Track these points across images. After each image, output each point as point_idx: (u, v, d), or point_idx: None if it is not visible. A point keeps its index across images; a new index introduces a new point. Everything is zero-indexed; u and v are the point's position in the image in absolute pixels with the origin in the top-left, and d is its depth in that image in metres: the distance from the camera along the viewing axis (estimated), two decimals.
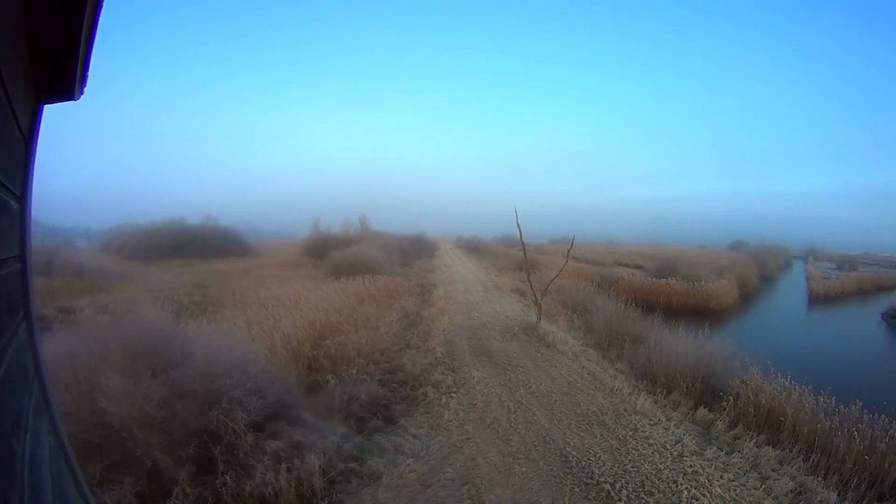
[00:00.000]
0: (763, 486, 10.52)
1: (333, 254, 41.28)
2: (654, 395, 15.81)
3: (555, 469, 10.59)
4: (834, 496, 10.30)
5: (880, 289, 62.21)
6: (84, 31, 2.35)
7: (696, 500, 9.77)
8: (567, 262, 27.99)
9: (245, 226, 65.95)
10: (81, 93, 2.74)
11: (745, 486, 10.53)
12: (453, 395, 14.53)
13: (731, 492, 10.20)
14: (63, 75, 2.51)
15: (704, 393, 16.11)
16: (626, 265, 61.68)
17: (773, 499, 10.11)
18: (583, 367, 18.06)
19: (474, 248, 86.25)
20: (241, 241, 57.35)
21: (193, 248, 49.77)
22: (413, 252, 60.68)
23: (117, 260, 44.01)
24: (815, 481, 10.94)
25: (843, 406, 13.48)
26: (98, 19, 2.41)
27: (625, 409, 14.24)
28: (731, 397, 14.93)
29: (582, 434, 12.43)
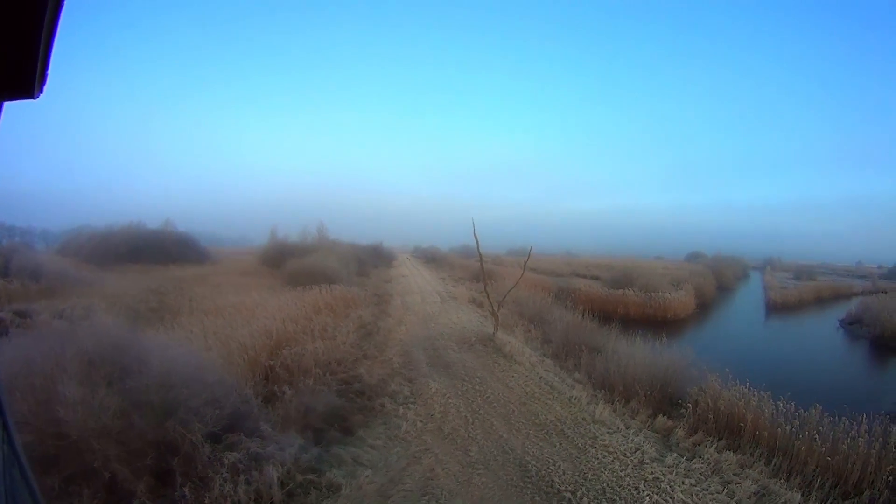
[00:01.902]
0: (725, 490, 10.78)
1: (290, 262, 41.09)
2: (613, 403, 16.05)
3: (514, 479, 10.67)
4: (798, 497, 10.61)
5: (838, 297, 64.18)
6: (44, 29, 2.33)
7: None
8: (524, 273, 28.23)
9: (203, 232, 65.29)
10: (41, 91, 2.70)
11: (707, 490, 10.75)
12: (411, 405, 14.56)
13: (694, 497, 10.42)
14: (22, 73, 2.47)
15: (663, 401, 16.40)
16: (584, 276, 62.24)
17: (736, 502, 10.39)
18: (540, 378, 18.19)
19: (432, 259, 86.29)
20: (199, 248, 56.62)
21: (151, 254, 48.94)
22: (370, 262, 60.49)
23: (74, 263, 42.91)
24: (778, 484, 11.26)
25: (803, 410, 13.84)
26: (59, 17, 2.38)
27: (583, 418, 14.41)
28: (689, 405, 15.21)
29: (541, 443, 12.53)
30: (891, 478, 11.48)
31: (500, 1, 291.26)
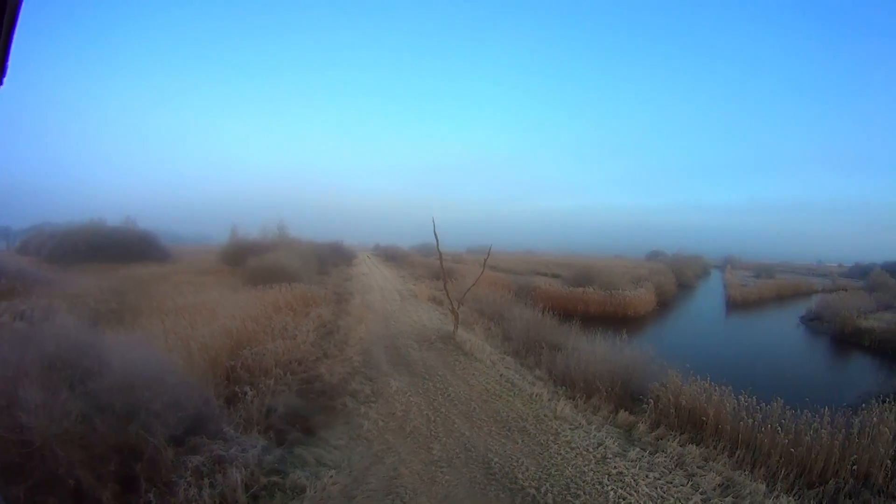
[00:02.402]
0: (690, 483, 11.04)
1: (251, 261, 40.82)
2: (574, 400, 16.33)
3: (478, 476, 10.76)
4: (762, 487, 10.97)
5: (798, 294, 66.45)
6: (4, 23, 2.35)
7: (624, 500, 10.14)
8: (484, 271, 28.40)
9: (163, 229, 64.33)
10: (0, 83, 2.70)
11: (671, 483, 11.00)
12: (372, 404, 14.57)
13: (658, 490, 10.64)
14: None
15: (624, 397, 16.72)
16: (544, 274, 62.57)
17: (700, 494, 10.60)
18: (501, 375, 18.34)
19: (392, 257, 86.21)
20: (159, 246, 55.99)
21: (112, 252, 48.30)
22: (330, 260, 60.34)
23: (35, 262, 42.54)
24: (743, 475, 11.60)
25: (765, 404, 14.24)
26: (19, 11, 2.40)
27: (545, 415, 14.58)
28: (651, 400, 15.60)
29: (503, 440, 12.66)
30: (855, 467, 11.96)
31: (465, 2, 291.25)
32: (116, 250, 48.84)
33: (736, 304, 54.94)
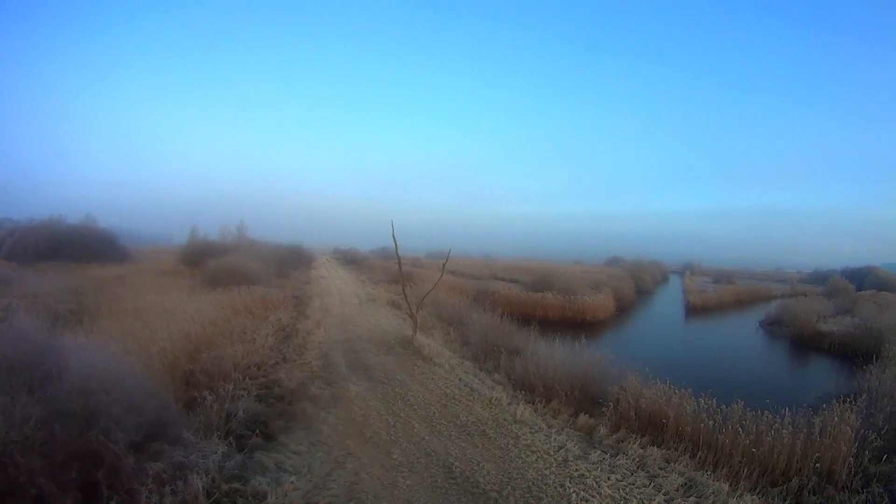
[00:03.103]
0: (652, 484, 11.29)
1: (210, 262, 40.49)
2: (534, 404, 16.55)
3: (439, 480, 10.88)
4: (725, 487, 11.27)
5: (757, 300, 67.73)
6: None
7: (586, 503, 10.34)
8: (442, 275, 28.59)
9: (123, 228, 63.34)
10: None
11: (633, 485, 11.25)
12: (331, 409, 14.57)
13: (621, 491, 10.89)
14: None
15: (584, 400, 17.03)
16: (503, 279, 63.14)
17: (663, 494, 10.86)
18: (460, 379, 18.50)
19: (351, 260, 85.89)
20: (119, 246, 55.23)
21: (71, 251, 47.74)
22: (290, 263, 59.84)
23: None
24: (705, 475, 11.88)
25: (725, 406, 14.66)
26: None
27: (505, 419, 14.77)
28: (611, 403, 15.81)
29: (463, 444, 12.79)
30: (818, 465, 12.36)
31: (426, 7, 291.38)
32: (76, 249, 48.17)
33: (695, 310, 55.72)
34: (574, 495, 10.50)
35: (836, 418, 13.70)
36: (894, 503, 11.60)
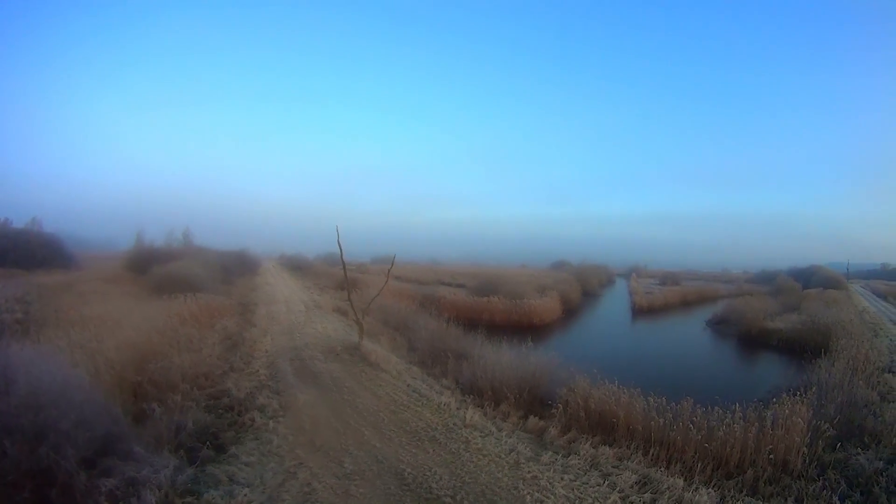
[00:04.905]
0: (606, 483, 11.66)
1: (156, 269, 39.87)
2: (483, 408, 16.84)
3: (392, 487, 11.01)
4: (680, 482, 11.72)
5: (704, 300, 69.18)
6: None
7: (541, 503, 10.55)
8: (388, 281, 28.54)
9: (69, 233, 61.82)
10: None
11: (587, 484, 11.60)
12: (280, 419, 14.58)
13: (575, 491, 11.22)
14: None
15: (533, 403, 17.40)
16: (449, 284, 63.48)
17: (618, 492, 11.24)
18: (408, 385, 18.67)
19: (297, 267, 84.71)
20: (65, 252, 53.32)
21: (16, 257, 46.25)
22: (236, 269, 59.01)
23: None
24: (659, 472, 12.36)
25: (675, 404, 15.18)
26: None
27: (454, 424, 14.99)
28: (560, 405, 16.22)
29: (414, 451, 12.96)
30: (772, 456, 12.91)
31: (371, 8, 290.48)
32: (20, 255, 46.55)
33: (641, 311, 56.79)
34: (528, 497, 10.77)
35: (787, 411, 14.37)
36: (851, 488, 12.23)
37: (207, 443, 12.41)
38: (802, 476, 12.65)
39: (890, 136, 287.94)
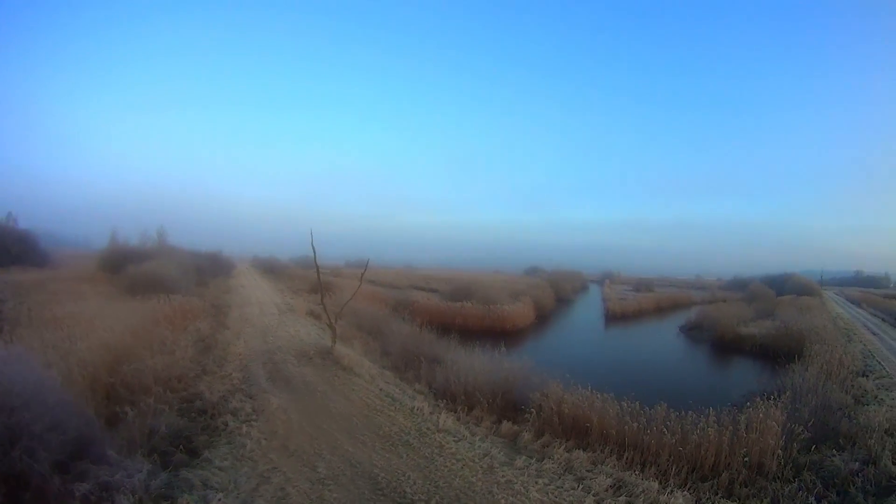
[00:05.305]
0: (581, 486, 11.83)
1: (130, 269, 39.56)
2: (456, 412, 17.00)
3: (366, 492, 11.05)
4: (655, 485, 11.94)
5: (677, 307, 70.17)
6: None
7: None
8: (361, 285, 28.67)
9: (43, 230, 61.11)
10: None
11: (562, 488, 11.76)
12: (254, 423, 14.54)
13: (549, 495, 11.36)
14: None
15: (506, 407, 17.56)
16: (422, 288, 63.76)
17: (593, 496, 11.42)
18: (381, 390, 18.70)
19: (271, 269, 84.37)
20: (40, 249, 53.30)
21: None
22: (209, 271, 59.01)
23: None
24: (633, 475, 12.54)
25: (648, 408, 15.58)
26: None
27: (427, 428, 15.09)
28: (533, 410, 16.42)
29: (388, 455, 13.01)
30: (747, 459, 13.25)
31: (345, 14, 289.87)
32: None
33: (615, 317, 57.35)
34: (503, 501, 10.89)
35: (761, 414, 14.75)
36: (827, 489, 12.55)
37: (181, 447, 12.35)
38: (778, 478, 12.99)
39: (865, 146, 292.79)
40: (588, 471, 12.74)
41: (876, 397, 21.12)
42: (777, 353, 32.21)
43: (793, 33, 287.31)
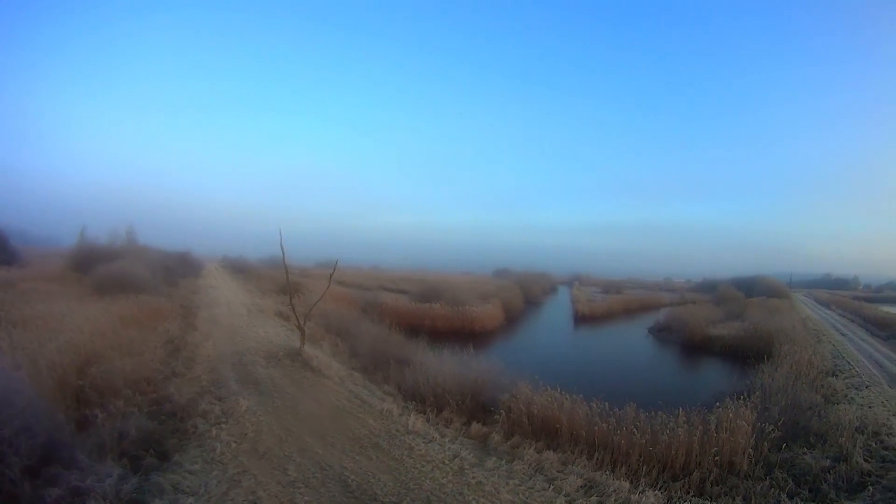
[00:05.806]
0: (552, 487, 11.98)
1: (99, 268, 39.12)
2: (425, 414, 17.12)
3: (337, 495, 11.11)
4: (626, 485, 12.13)
5: (646, 308, 70.92)
6: None
7: None
8: (330, 286, 28.66)
9: (12, 228, 60.15)
10: None
11: (533, 488, 11.89)
12: (223, 425, 14.51)
13: (520, 496, 11.49)
14: None
15: (476, 409, 17.71)
16: (391, 290, 63.72)
17: (564, 496, 11.58)
18: (350, 391, 18.78)
19: (240, 269, 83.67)
20: (9, 248, 52.31)
21: None
22: (178, 271, 58.09)
23: None
24: (604, 475, 12.72)
25: (618, 409, 15.82)
26: None
27: (397, 430, 15.18)
28: (502, 411, 16.57)
29: (357, 458, 13.07)
30: (717, 458, 13.54)
31: (314, 15, 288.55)
32: None
33: (584, 318, 57.72)
34: (474, 502, 11.05)
35: (731, 414, 15.12)
36: (798, 486, 12.93)
37: (151, 450, 12.28)
38: (749, 476, 13.32)
39: (835, 151, 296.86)
40: (558, 471, 12.89)
41: (846, 396, 21.72)
42: (746, 354, 32.73)
43: (760, 36, 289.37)
